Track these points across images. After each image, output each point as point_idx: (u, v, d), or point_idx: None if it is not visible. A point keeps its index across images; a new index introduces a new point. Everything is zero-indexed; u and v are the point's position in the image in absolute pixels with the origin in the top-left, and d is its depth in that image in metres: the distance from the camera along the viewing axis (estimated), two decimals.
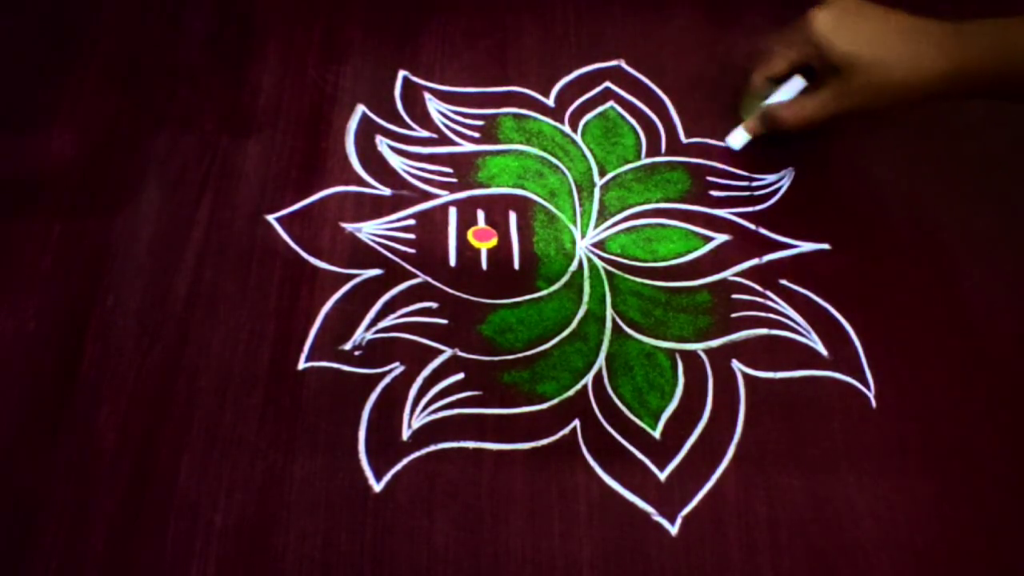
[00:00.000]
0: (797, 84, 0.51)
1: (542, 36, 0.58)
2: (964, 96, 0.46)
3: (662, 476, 0.44)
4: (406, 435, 0.44)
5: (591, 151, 0.54)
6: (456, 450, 0.44)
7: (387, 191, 0.52)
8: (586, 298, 0.49)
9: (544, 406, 0.45)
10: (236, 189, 0.51)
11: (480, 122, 0.55)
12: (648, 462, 0.44)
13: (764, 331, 0.48)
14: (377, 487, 0.43)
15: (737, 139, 0.54)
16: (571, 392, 0.46)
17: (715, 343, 0.48)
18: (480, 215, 0.51)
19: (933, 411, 0.46)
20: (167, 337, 0.46)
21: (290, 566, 0.40)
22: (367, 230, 0.50)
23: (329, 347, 0.46)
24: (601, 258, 0.50)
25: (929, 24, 0.45)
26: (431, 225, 0.51)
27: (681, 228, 0.52)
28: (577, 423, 0.45)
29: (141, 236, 0.49)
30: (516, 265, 0.50)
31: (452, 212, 0.51)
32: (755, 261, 0.51)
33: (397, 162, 0.53)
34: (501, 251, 0.50)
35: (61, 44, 0.56)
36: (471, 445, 0.44)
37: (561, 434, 0.45)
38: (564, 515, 0.42)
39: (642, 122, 0.56)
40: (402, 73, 0.56)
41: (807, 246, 0.51)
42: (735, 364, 0.47)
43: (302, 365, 0.46)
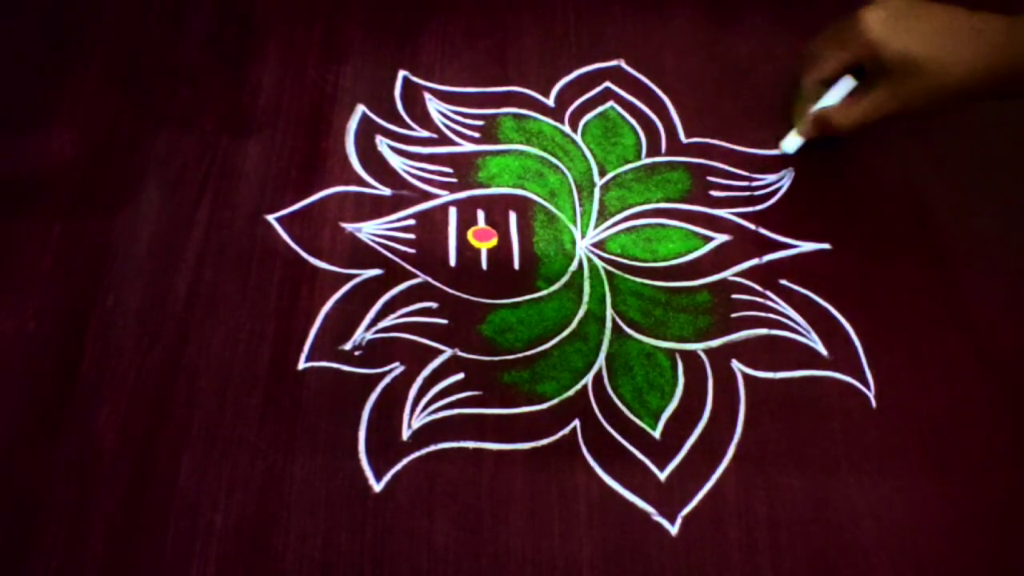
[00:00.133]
0: (847, 84, 0.50)
1: (542, 36, 0.58)
2: (1022, 95, 0.44)
3: (662, 476, 0.44)
4: (406, 435, 0.44)
5: (591, 151, 0.54)
6: (456, 450, 0.44)
7: (387, 191, 0.52)
8: (586, 298, 0.49)
9: (544, 406, 0.45)
10: (236, 189, 0.51)
11: (480, 122, 0.55)
12: (648, 462, 0.44)
13: (764, 331, 0.48)
14: (377, 487, 0.43)
15: (791, 144, 0.53)
16: (571, 392, 0.46)
17: (715, 343, 0.48)
18: (480, 215, 0.51)
19: (933, 411, 0.46)
20: (167, 337, 0.46)
21: (290, 566, 0.40)
22: (367, 230, 0.50)
23: (329, 347, 0.46)
24: (601, 258, 0.50)
25: (983, 20, 0.44)
26: (431, 225, 0.51)
27: (681, 228, 0.52)
28: (577, 423, 0.45)
29: (141, 236, 0.49)
30: (516, 265, 0.50)
31: (452, 212, 0.51)
32: (755, 261, 0.51)
33: (397, 162, 0.53)
34: (501, 251, 0.50)
35: (61, 44, 0.56)
36: (471, 445, 0.44)
37: (561, 434, 0.45)
38: (564, 515, 0.42)
39: (642, 122, 0.56)
40: (402, 73, 0.56)
41: (807, 246, 0.51)
42: (735, 364, 0.47)
43: (302, 365, 0.46)
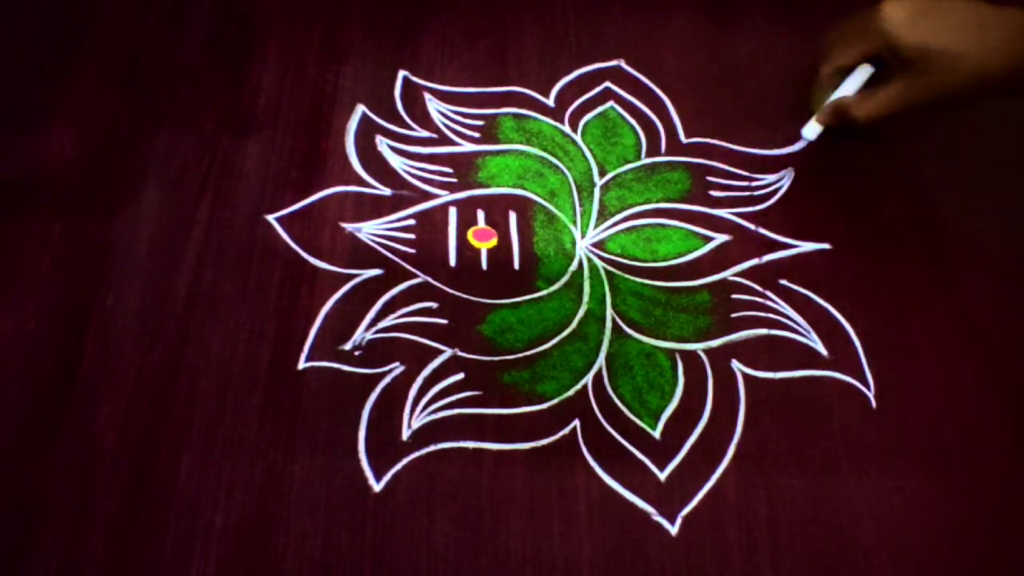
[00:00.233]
0: (865, 72, 0.50)
1: (542, 36, 0.58)
2: None
3: (662, 476, 0.44)
4: (406, 435, 0.44)
5: (591, 151, 0.54)
6: (456, 450, 0.44)
7: (387, 191, 0.52)
8: (586, 298, 0.49)
9: (544, 406, 0.45)
10: (236, 189, 0.51)
11: (480, 122, 0.55)
12: (648, 462, 0.44)
13: (764, 331, 0.48)
14: (377, 487, 0.43)
15: (812, 130, 0.53)
16: (571, 392, 0.46)
17: (715, 343, 0.48)
18: (480, 215, 0.51)
19: (933, 411, 0.46)
20: (167, 337, 0.46)
21: (290, 566, 0.40)
22: (367, 230, 0.50)
23: (329, 347, 0.46)
24: (601, 258, 0.50)
25: (1007, 15, 0.44)
26: (431, 225, 0.51)
27: (681, 228, 0.52)
28: (577, 423, 0.45)
29: (141, 236, 0.49)
30: (516, 265, 0.50)
31: (452, 212, 0.51)
32: (755, 261, 0.51)
33: (397, 162, 0.53)
34: (501, 251, 0.50)
35: (61, 44, 0.56)
36: (471, 445, 0.44)
37: (561, 434, 0.45)
38: (564, 515, 0.42)
39: (642, 122, 0.55)
40: (402, 73, 0.56)
41: (807, 246, 0.51)
42: (735, 364, 0.47)
43: (302, 365, 0.46)
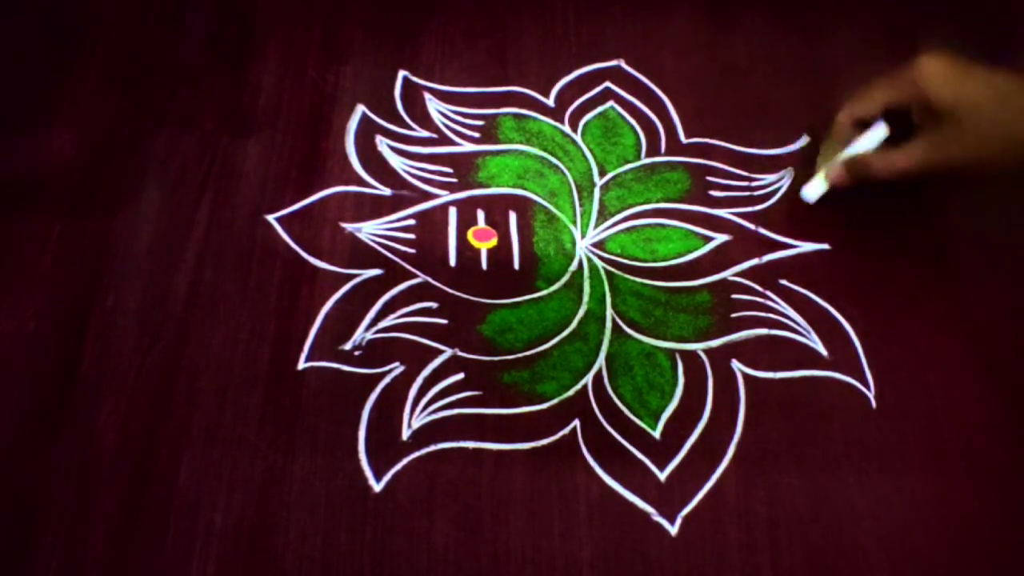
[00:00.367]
0: (880, 133, 0.49)
1: (542, 36, 0.58)
2: None
3: (662, 476, 0.44)
4: (406, 435, 0.44)
5: (591, 151, 0.54)
6: (456, 450, 0.44)
7: (387, 191, 0.52)
8: (586, 298, 0.49)
9: (544, 406, 0.45)
10: (236, 189, 0.51)
11: (480, 122, 0.55)
12: (648, 462, 0.44)
13: (764, 331, 0.48)
14: (377, 487, 0.43)
15: (814, 191, 0.51)
16: (571, 392, 0.46)
17: (715, 343, 0.48)
18: (480, 215, 0.51)
19: (933, 411, 0.46)
20: (167, 337, 0.46)
21: (290, 566, 0.40)
22: (367, 230, 0.50)
23: (329, 347, 0.46)
24: (601, 258, 0.50)
25: None
26: (431, 225, 0.51)
27: (681, 228, 0.52)
28: (577, 423, 0.45)
29: (141, 236, 0.49)
30: (516, 265, 0.50)
31: (452, 212, 0.51)
32: (755, 261, 0.51)
33: (397, 162, 0.53)
34: (501, 251, 0.50)
35: (61, 44, 0.56)
36: (471, 445, 0.44)
37: (561, 434, 0.45)
38: (564, 515, 0.42)
39: (642, 122, 0.56)
40: (402, 73, 0.56)
41: (807, 246, 0.51)
42: (735, 364, 0.47)
43: (302, 365, 0.46)
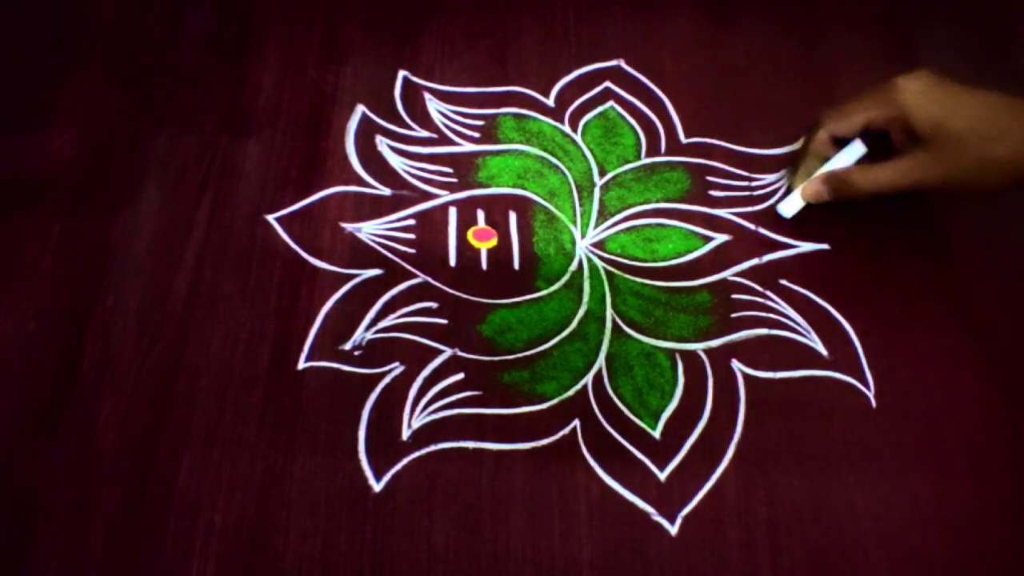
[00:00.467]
0: (858, 150, 0.49)
1: (542, 36, 0.58)
2: None
3: (662, 476, 0.44)
4: (406, 435, 0.44)
5: (591, 151, 0.54)
6: (456, 450, 0.44)
7: (387, 191, 0.52)
8: (586, 298, 0.49)
9: (544, 406, 0.45)
10: (236, 189, 0.51)
11: (480, 122, 0.55)
12: (648, 462, 0.44)
13: (764, 331, 0.48)
14: (377, 487, 0.43)
15: (791, 207, 0.51)
16: (571, 392, 0.46)
17: (715, 343, 0.48)
18: (480, 215, 0.51)
19: (933, 411, 0.46)
20: (167, 337, 0.46)
21: (290, 566, 0.40)
22: (367, 230, 0.50)
23: (329, 347, 0.46)
24: (601, 258, 0.50)
25: (1021, 102, 0.43)
26: (431, 225, 0.51)
27: (681, 228, 0.52)
28: (577, 423, 0.45)
29: (141, 236, 0.49)
30: (516, 265, 0.50)
31: (452, 212, 0.51)
32: (755, 261, 0.51)
33: (397, 162, 0.53)
34: (501, 251, 0.50)
35: (61, 44, 0.56)
36: (471, 445, 0.44)
37: (561, 434, 0.45)
38: (564, 515, 0.42)
39: (642, 122, 0.56)
40: (402, 73, 0.56)
41: (807, 246, 0.51)
42: (735, 364, 0.47)
43: (302, 365, 0.46)
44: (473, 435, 0.44)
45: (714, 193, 0.53)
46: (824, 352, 0.48)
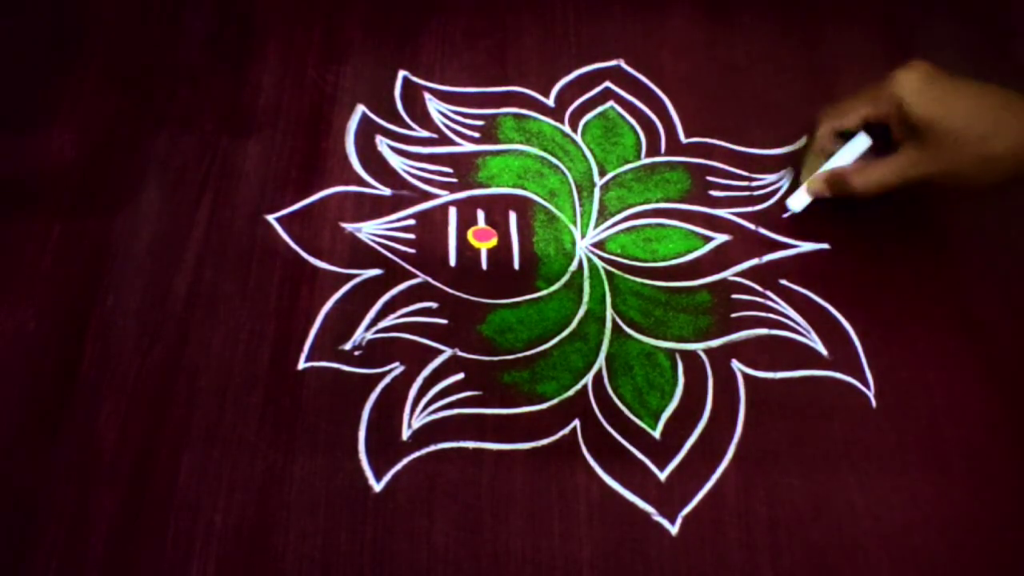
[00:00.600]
0: (862, 143, 0.49)
1: (542, 36, 0.58)
2: None
3: (662, 476, 0.44)
4: (406, 435, 0.44)
5: (591, 151, 0.54)
6: (456, 450, 0.44)
7: (387, 191, 0.52)
8: (586, 298, 0.49)
9: (544, 406, 0.45)
10: (236, 189, 0.51)
11: (480, 122, 0.55)
12: (648, 462, 0.44)
13: (764, 331, 0.48)
14: (377, 487, 0.43)
15: (799, 202, 0.51)
16: (571, 392, 0.46)
17: (715, 343, 0.48)
18: (480, 215, 0.51)
19: (933, 411, 0.46)
20: (167, 337, 0.46)
21: (290, 566, 0.40)
22: (367, 230, 0.50)
23: (329, 347, 0.46)
24: (601, 258, 0.50)
25: (1018, 99, 0.43)
26: (431, 225, 0.51)
27: (681, 228, 0.52)
28: (577, 423, 0.45)
29: (141, 236, 0.49)
30: (516, 265, 0.50)
31: (452, 212, 0.51)
32: (755, 261, 0.51)
33: (397, 162, 0.53)
34: (501, 251, 0.50)
35: (61, 44, 0.56)
36: (471, 445, 0.44)
37: (561, 434, 0.45)
38: (564, 515, 0.42)
39: (642, 122, 0.56)
40: (402, 73, 0.56)
41: (807, 246, 0.51)
42: (735, 364, 0.47)
43: (302, 365, 0.46)
44: (473, 435, 0.44)
45: (714, 193, 0.53)
46: (824, 352, 0.48)
